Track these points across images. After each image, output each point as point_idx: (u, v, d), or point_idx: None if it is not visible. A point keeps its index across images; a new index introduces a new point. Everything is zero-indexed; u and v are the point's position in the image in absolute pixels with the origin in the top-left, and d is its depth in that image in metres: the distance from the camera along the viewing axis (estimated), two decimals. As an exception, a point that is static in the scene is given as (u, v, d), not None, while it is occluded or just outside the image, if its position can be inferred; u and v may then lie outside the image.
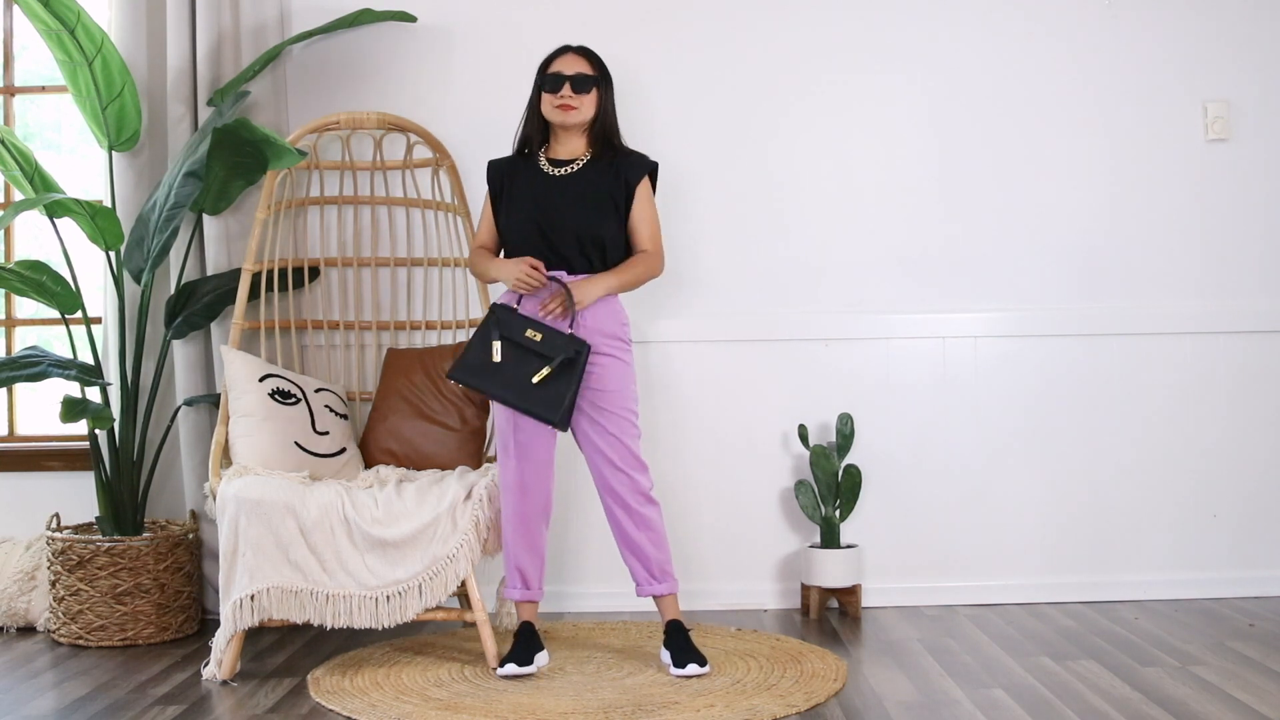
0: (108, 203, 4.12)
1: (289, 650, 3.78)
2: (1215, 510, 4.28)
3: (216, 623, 3.65)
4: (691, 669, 3.42)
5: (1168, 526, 4.28)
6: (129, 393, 3.97)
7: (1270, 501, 4.29)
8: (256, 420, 3.71)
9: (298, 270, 4.14)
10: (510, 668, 3.43)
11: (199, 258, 4.17)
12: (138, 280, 3.93)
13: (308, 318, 4.17)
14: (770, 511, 4.28)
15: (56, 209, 3.80)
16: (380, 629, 3.49)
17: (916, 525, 4.27)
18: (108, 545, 3.84)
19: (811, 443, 4.19)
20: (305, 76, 4.27)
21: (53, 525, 3.98)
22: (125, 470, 3.96)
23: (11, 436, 4.46)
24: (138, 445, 3.98)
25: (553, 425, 3.41)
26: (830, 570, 4.09)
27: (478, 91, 4.26)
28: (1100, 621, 3.96)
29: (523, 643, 3.49)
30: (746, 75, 4.28)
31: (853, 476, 4.12)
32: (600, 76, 3.59)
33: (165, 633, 3.90)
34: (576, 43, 3.66)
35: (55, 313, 4.00)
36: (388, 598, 3.48)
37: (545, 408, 3.38)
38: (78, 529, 4.05)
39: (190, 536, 4.00)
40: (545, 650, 3.53)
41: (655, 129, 4.16)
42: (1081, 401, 4.27)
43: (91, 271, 4.23)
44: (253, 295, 4.00)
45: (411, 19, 4.21)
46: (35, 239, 4.54)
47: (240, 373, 3.77)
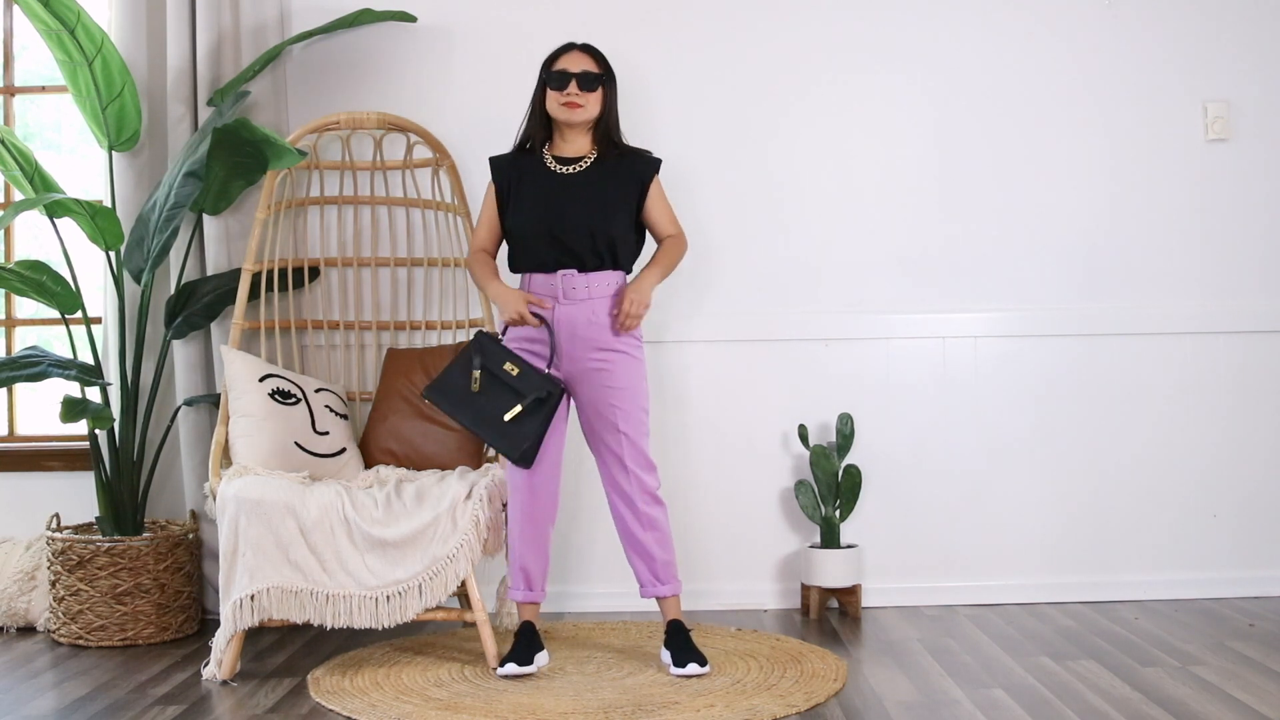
0: (108, 203, 4.12)
1: (289, 650, 3.78)
2: (1215, 510, 4.28)
3: (216, 623, 3.65)
4: (692, 668, 3.42)
5: (1168, 526, 4.28)
6: (129, 393, 3.97)
7: (1270, 501, 4.29)
8: (256, 420, 3.71)
9: (298, 270, 4.14)
10: (510, 667, 3.43)
11: (199, 258, 4.17)
12: (138, 280, 3.93)
13: (308, 318, 4.17)
14: (770, 511, 4.28)
15: (56, 209, 3.80)
16: (380, 629, 3.49)
17: (916, 525, 4.27)
18: (108, 545, 3.84)
19: (811, 443, 4.19)
20: (305, 76, 4.27)
21: (53, 525, 3.98)
22: (125, 470, 3.96)
23: (11, 436, 4.46)
24: (138, 445, 3.98)
25: (513, 462, 3.45)
26: (830, 570, 4.09)
27: (478, 91, 4.26)
28: (1100, 621, 3.96)
29: (523, 642, 3.49)
30: (746, 75, 4.28)
31: (853, 476, 4.12)
32: (606, 74, 3.58)
33: (165, 633, 3.90)
34: (580, 40, 3.65)
35: (55, 313, 4.00)
36: (388, 598, 3.47)
37: (509, 445, 3.42)
38: (78, 529, 4.05)
39: (190, 536, 4.00)
40: (545, 650, 3.53)
41: (655, 128, 4.16)
42: (1081, 401, 4.27)
43: (91, 271, 4.23)
44: (253, 295, 4.00)
45: (411, 19, 4.21)
46: (35, 239, 4.54)
47: (240, 373, 3.77)
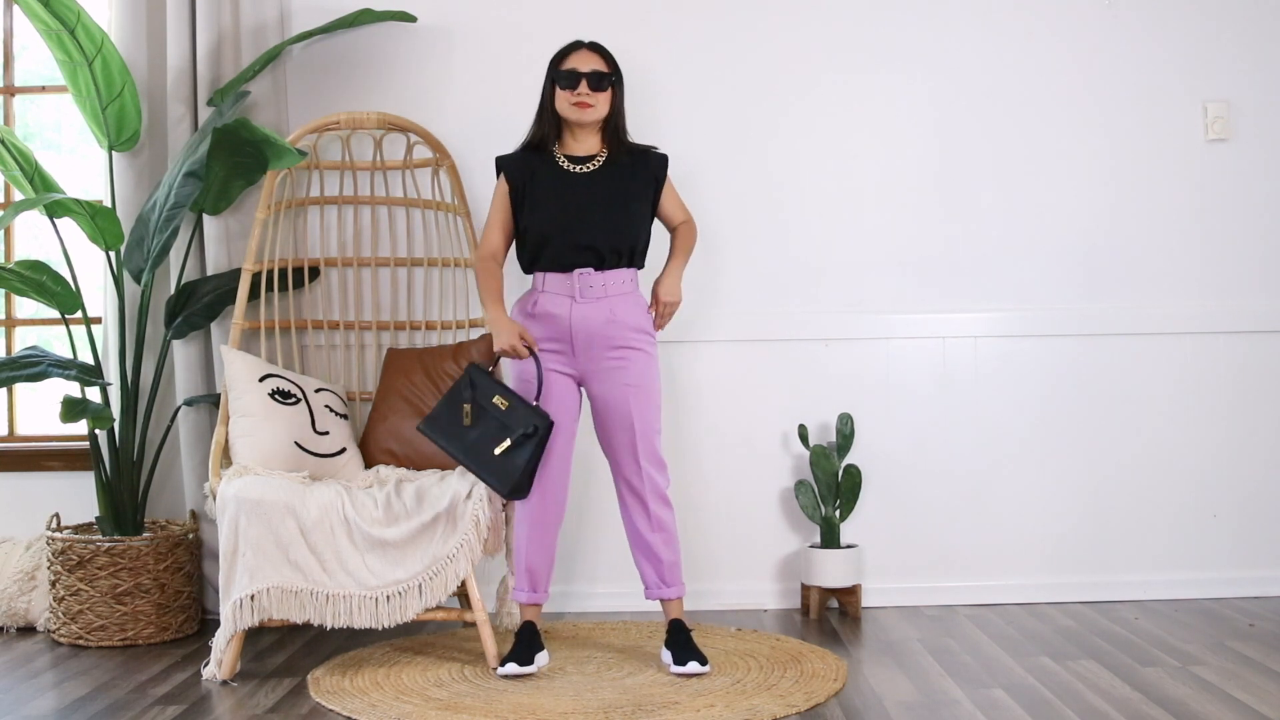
0: (108, 203, 4.12)
1: (289, 650, 3.78)
2: (1215, 510, 4.28)
3: (216, 623, 3.65)
4: (692, 667, 3.42)
5: (1168, 526, 4.28)
6: (129, 393, 3.97)
7: (1270, 501, 4.29)
8: (256, 420, 3.71)
9: (298, 270, 4.14)
10: (511, 667, 3.43)
11: (199, 258, 4.17)
12: (138, 280, 3.93)
13: (308, 318, 4.17)
14: (770, 511, 4.28)
15: (56, 209, 3.80)
16: (380, 629, 3.49)
17: (916, 525, 4.27)
18: (108, 545, 3.84)
19: (811, 443, 4.19)
20: (305, 76, 4.27)
21: (53, 525, 3.98)
22: (125, 470, 3.96)
23: (11, 436, 4.46)
24: (138, 445, 3.98)
25: (504, 497, 3.46)
26: (830, 570, 4.09)
27: (478, 91, 4.26)
28: (1100, 621, 3.96)
29: (524, 642, 3.49)
30: (747, 75, 4.28)
31: (853, 476, 4.11)
32: (615, 73, 3.57)
33: (165, 633, 3.90)
34: (587, 38, 3.64)
35: (55, 313, 4.00)
36: (388, 598, 3.48)
37: (499, 479, 3.42)
38: (78, 529, 4.05)
39: (190, 536, 4.00)
40: (545, 650, 3.53)
41: (655, 128, 4.15)
42: (1081, 401, 4.27)
43: (91, 271, 4.23)
44: (253, 295, 4.00)
45: (411, 19, 4.20)
46: (35, 239, 4.54)
47: (240, 373, 3.77)
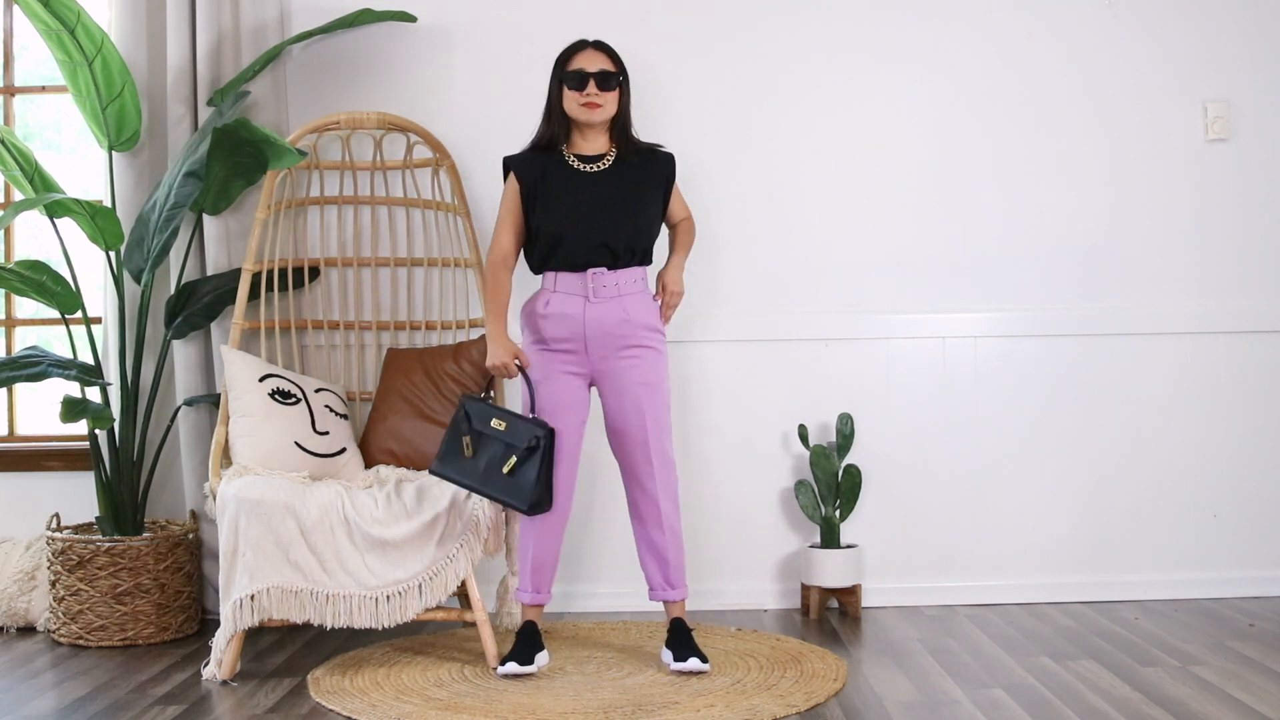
0: (108, 203, 4.12)
1: (289, 650, 3.78)
2: (1215, 510, 4.28)
3: (216, 623, 3.65)
4: (693, 663, 3.42)
5: (1168, 526, 4.28)
6: (129, 393, 3.97)
7: (1270, 501, 4.29)
8: (256, 420, 3.71)
9: (298, 270, 4.14)
10: (511, 666, 3.43)
11: (199, 258, 4.17)
12: (138, 280, 3.93)
13: (308, 318, 4.17)
14: (770, 511, 4.28)
15: (56, 209, 3.80)
16: (380, 629, 3.49)
17: (916, 525, 4.27)
18: (108, 545, 3.84)
19: (811, 443, 4.19)
20: (305, 76, 4.27)
21: (53, 525, 3.98)
22: (125, 470, 3.96)
23: (11, 436, 4.46)
24: (138, 445, 3.98)
25: (522, 512, 3.44)
26: (830, 570, 4.09)
27: (478, 91, 4.26)
28: (1100, 621, 3.96)
29: (524, 642, 3.49)
30: (747, 75, 4.28)
31: (853, 476, 4.11)
32: (621, 71, 3.57)
33: (165, 633, 3.90)
34: (592, 37, 3.63)
35: (55, 313, 4.00)
36: (388, 598, 3.48)
37: (515, 496, 3.40)
38: (78, 529, 4.05)
39: (190, 536, 4.00)
40: (545, 650, 3.53)
41: (655, 128, 4.14)
42: (1081, 401, 4.27)
43: (91, 271, 4.23)
44: (253, 295, 4.00)
45: (411, 19, 4.20)
46: (35, 239, 4.54)
47: (240, 373, 3.77)
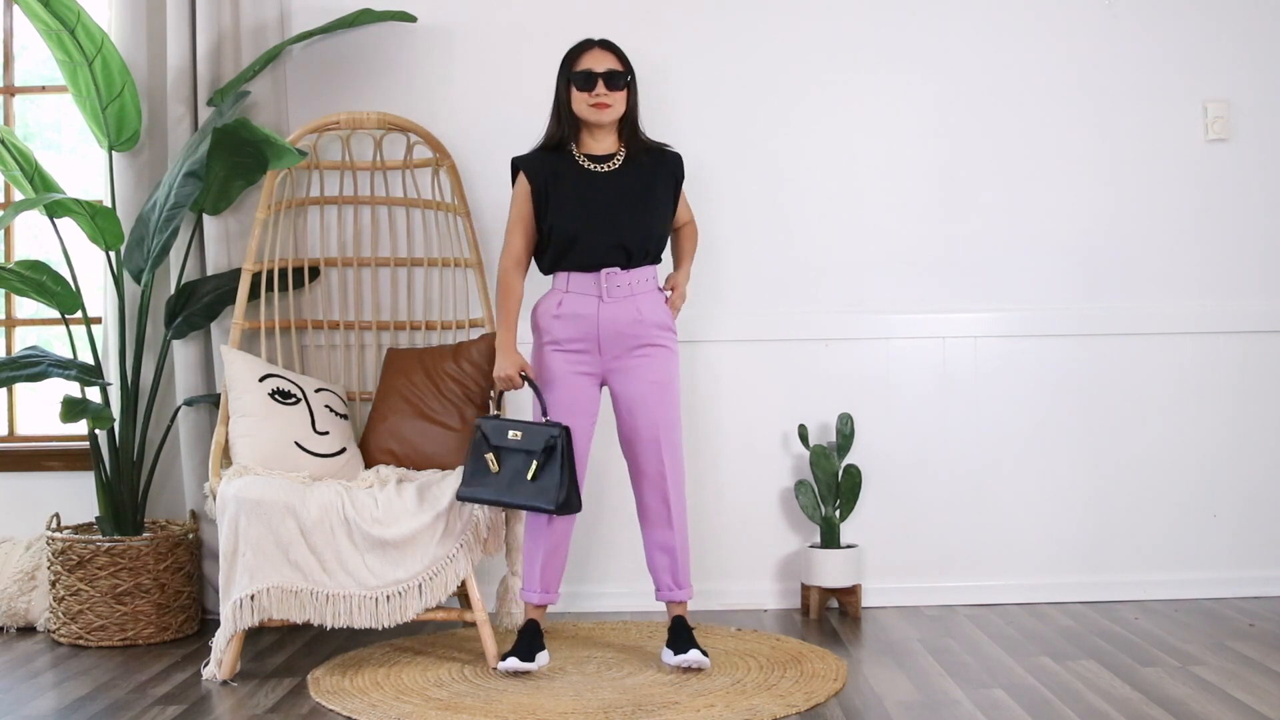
0: (108, 203, 4.12)
1: (289, 650, 3.78)
2: (1215, 510, 4.28)
3: (216, 623, 3.65)
4: (693, 654, 3.42)
5: (1168, 526, 4.28)
6: (129, 393, 3.97)
7: (1270, 501, 4.29)
8: (256, 420, 3.71)
9: (298, 270, 4.14)
10: (513, 661, 3.43)
11: (199, 258, 4.17)
12: (138, 280, 3.93)
13: (308, 318, 4.17)
14: (770, 511, 4.28)
15: (56, 209, 3.80)
16: (380, 629, 3.49)
17: (916, 525, 4.27)
18: (108, 545, 3.84)
19: (811, 443, 4.19)
20: (305, 76, 4.27)
21: (53, 525, 3.98)
22: (125, 470, 3.96)
23: (11, 436, 4.46)
24: (138, 445, 3.98)
25: (550, 514, 3.43)
26: (830, 570, 4.09)
27: (478, 91, 4.26)
28: (1100, 621, 3.96)
29: (526, 639, 3.50)
30: (747, 75, 4.28)
31: (853, 476, 4.11)
32: (629, 70, 3.57)
33: (165, 633, 3.90)
34: (598, 36, 3.62)
35: (55, 313, 4.00)
36: (388, 598, 3.48)
37: (541, 498, 3.38)
38: (78, 529, 4.05)
39: (190, 536, 4.00)
40: (546, 650, 3.53)
41: (656, 128, 4.14)
42: (1081, 401, 4.27)
43: (91, 271, 4.23)
44: (253, 295, 4.00)
45: (411, 19, 4.20)
46: (35, 239, 4.54)
47: (240, 373, 3.77)
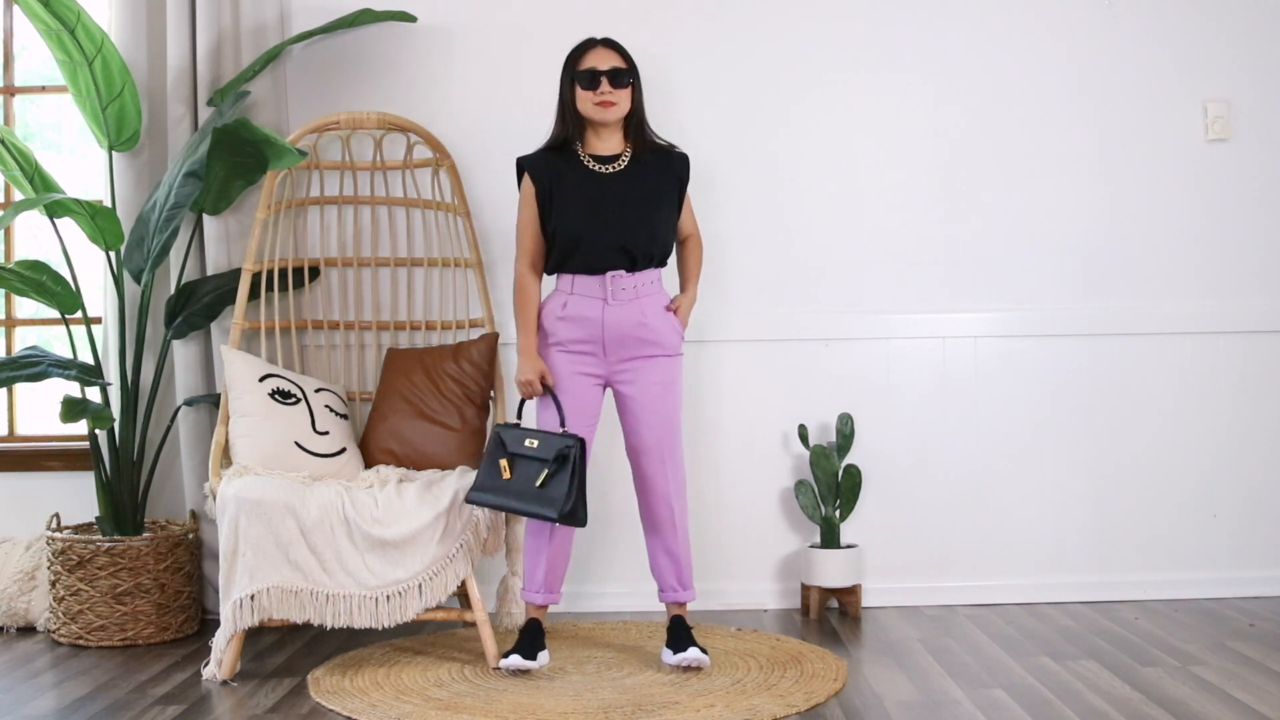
0: (108, 203, 4.12)
1: (289, 650, 3.78)
2: (1215, 510, 4.28)
3: (216, 623, 3.65)
4: (693, 653, 3.42)
5: (1168, 526, 4.28)
6: (129, 393, 3.97)
7: (1270, 501, 4.29)
8: (256, 420, 3.71)
9: (298, 270, 4.14)
10: (515, 659, 3.43)
11: (199, 258, 4.17)
12: (138, 280, 3.93)
13: (308, 318, 4.17)
14: (770, 511, 4.28)
15: (56, 209, 3.80)
16: (380, 629, 3.49)
17: (916, 525, 4.27)
18: (108, 545, 3.84)
19: (811, 443, 4.19)
20: (305, 76, 4.27)
21: (53, 525, 3.98)
22: (125, 470, 3.96)
23: (11, 436, 4.46)
24: (138, 445, 3.98)
25: (553, 522, 3.39)
26: (830, 570, 4.09)
27: (478, 91, 4.26)
28: (1100, 621, 3.96)
29: (528, 638, 3.50)
30: (747, 75, 4.28)
31: (853, 476, 4.12)
32: (632, 68, 3.55)
33: (165, 633, 3.90)
34: (600, 35, 3.61)
35: (55, 313, 4.00)
36: (388, 598, 3.48)
37: (545, 506, 3.36)
38: (78, 529, 4.05)
39: (190, 536, 4.00)
40: (546, 650, 3.53)
41: (656, 128, 4.15)
42: (1081, 401, 4.27)
43: (91, 271, 4.23)
44: (253, 295, 4.00)
45: (411, 19, 4.20)
46: (35, 239, 4.54)
47: (240, 373, 3.77)
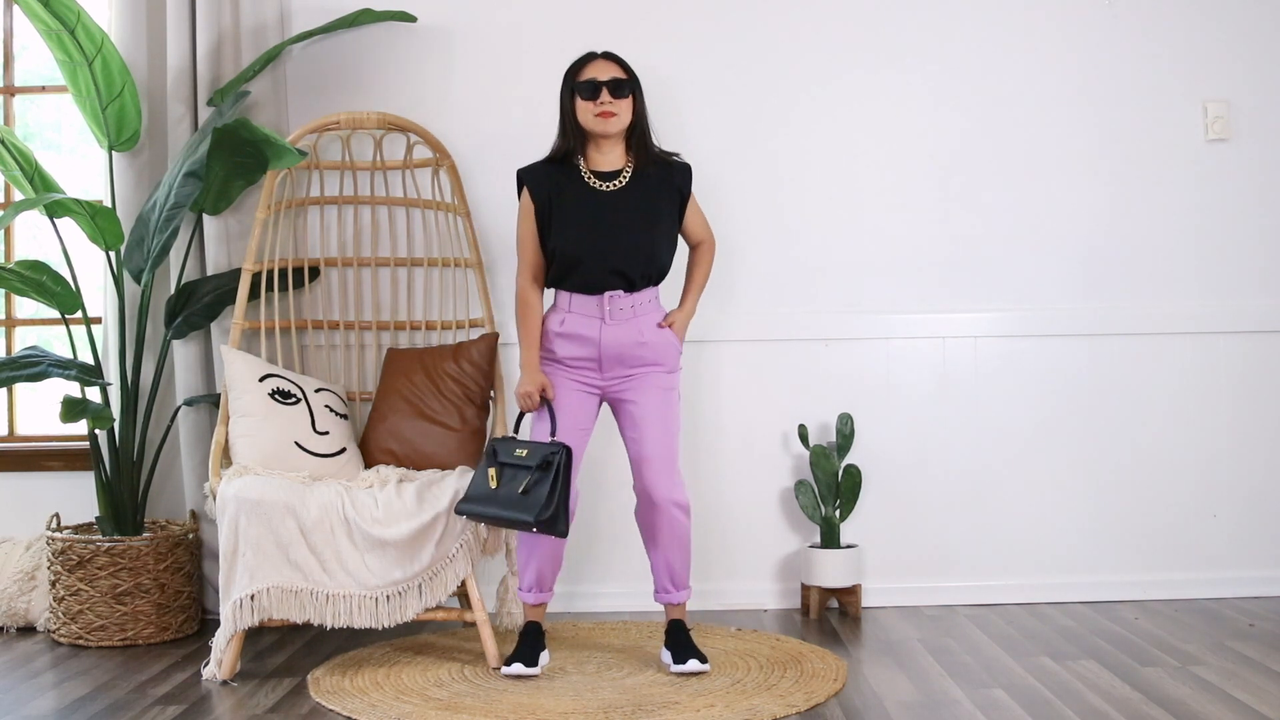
0: (108, 203, 4.12)
1: (289, 650, 3.78)
2: (1215, 510, 4.28)
3: (216, 623, 3.65)
4: (693, 664, 3.42)
5: (1168, 526, 4.28)
6: (129, 393, 3.97)
7: (1270, 501, 4.29)
8: (256, 420, 3.71)
9: (298, 270, 4.14)
10: (517, 668, 3.42)
11: (199, 258, 4.17)
12: (138, 280, 3.93)
13: (308, 318, 4.17)
14: (770, 511, 4.28)
15: (56, 209, 3.80)
16: (380, 629, 3.50)
17: (916, 525, 4.27)
18: (108, 545, 3.84)
19: (811, 443, 4.19)
20: (305, 76, 4.27)
21: (53, 525, 3.98)
22: (125, 470, 3.96)
23: (11, 436, 4.46)
24: (138, 445, 3.98)
25: (527, 529, 3.35)
26: (830, 570, 4.09)
27: (478, 91, 4.26)
28: (1100, 621, 3.96)
29: (529, 643, 3.49)
30: (747, 76, 4.28)
31: (853, 476, 4.12)
32: (633, 79, 3.53)
33: (165, 633, 3.90)
34: (600, 48, 3.58)
35: (55, 313, 4.00)
36: (388, 598, 3.48)
37: (524, 511, 3.32)
38: (78, 529, 4.05)
39: (190, 536, 4.00)
40: (546, 650, 3.53)
41: (656, 129, 4.15)
42: (1081, 401, 4.27)
43: (91, 271, 4.23)
44: (253, 295, 4.00)
45: (411, 19, 4.20)
46: (35, 239, 4.54)
47: (240, 373, 3.77)
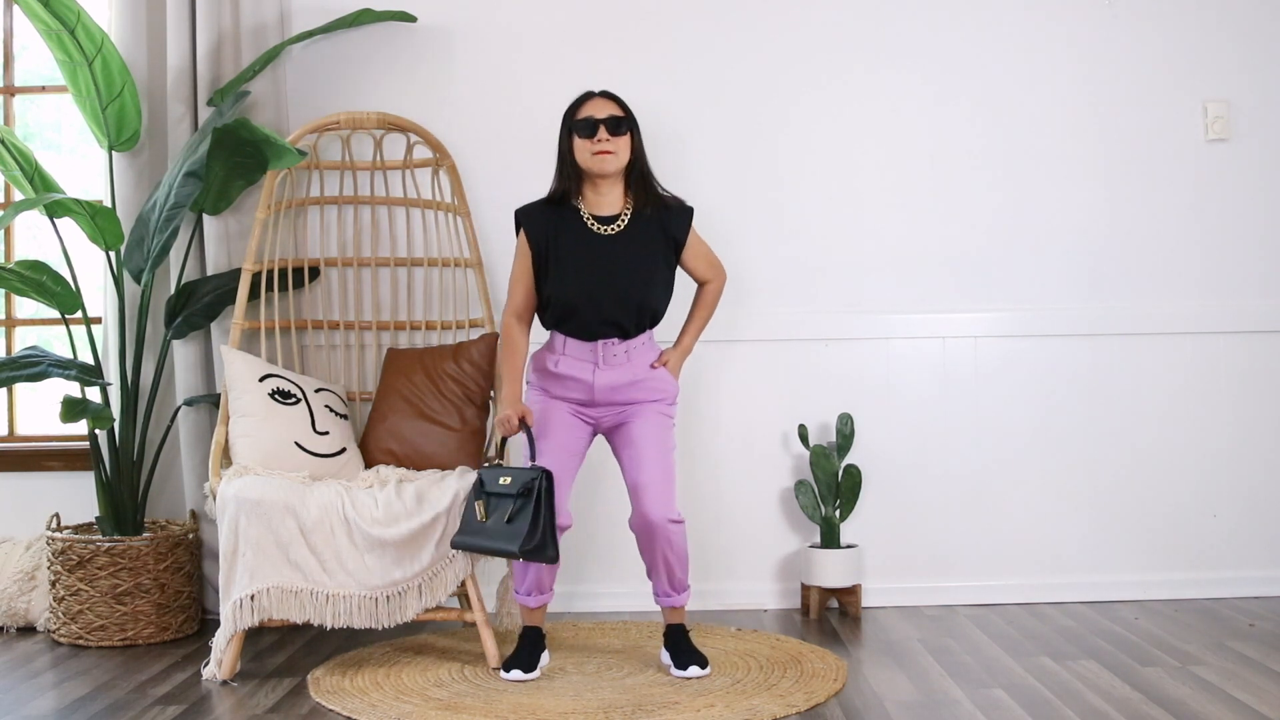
0: (108, 203, 4.12)
1: (289, 650, 3.78)
2: (1215, 510, 4.28)
3: (216, 623, 3.65)
4: (693, 671, 3.42)
5: (1168, 526, 4.28)
6: (129, 393, 3.97)
7: (1270, 501, 4.29)
8: (256, 420, 3.71)
9: (298, 270, 4.14)
10: (516, 674, 3.41)
11: (199, 258, 4.17)
12: (138, 280, 3.93)
13: (308, 318, 4.17)
14: (770, 511, 4.28)
15: (56, 209, 3.80)
16: (380, 629, 3.50)
17: (916, 525, 4.27)
18: (108, 545, 3.84)
19: (811, 443, 4.19)
20: (305, 76, 4.27)
21: (53, 525, 3.98)
22: (125, 470, 3.96)
23: (11, 436, 4.46)
24: (138, 445, 3.98)
25: (513, 557, 3.32)
26: (830, 570, 4.09)
27: (478, 91, 4.26)
28: (1100, 621, 3.96)
29: (528, 646, 3.48)
30: (746, 76, 4.28)
31: (853, 476, 4.12)
32: (630, 118, 3.51)
33: (165, 633, 3.90)
34: (599, 87, 3.57)
35: (55, 313, 4.00)
36: (388, 598, 3.48)
37: (507, 541, 3.28)
38: (78, 529, 4.05)
39: (190, 536, 4.00)
40: (546, 650, 3.52)
41: (655, 129, 4.15)
42: (1081, 401, 4.27)
43: (91, 271, 4.23)
44: (253, 295, 4.00)
45: (411, 19, 4.21)
46: (35, 239, 4.54)
47: (240, 373, 3.77)
